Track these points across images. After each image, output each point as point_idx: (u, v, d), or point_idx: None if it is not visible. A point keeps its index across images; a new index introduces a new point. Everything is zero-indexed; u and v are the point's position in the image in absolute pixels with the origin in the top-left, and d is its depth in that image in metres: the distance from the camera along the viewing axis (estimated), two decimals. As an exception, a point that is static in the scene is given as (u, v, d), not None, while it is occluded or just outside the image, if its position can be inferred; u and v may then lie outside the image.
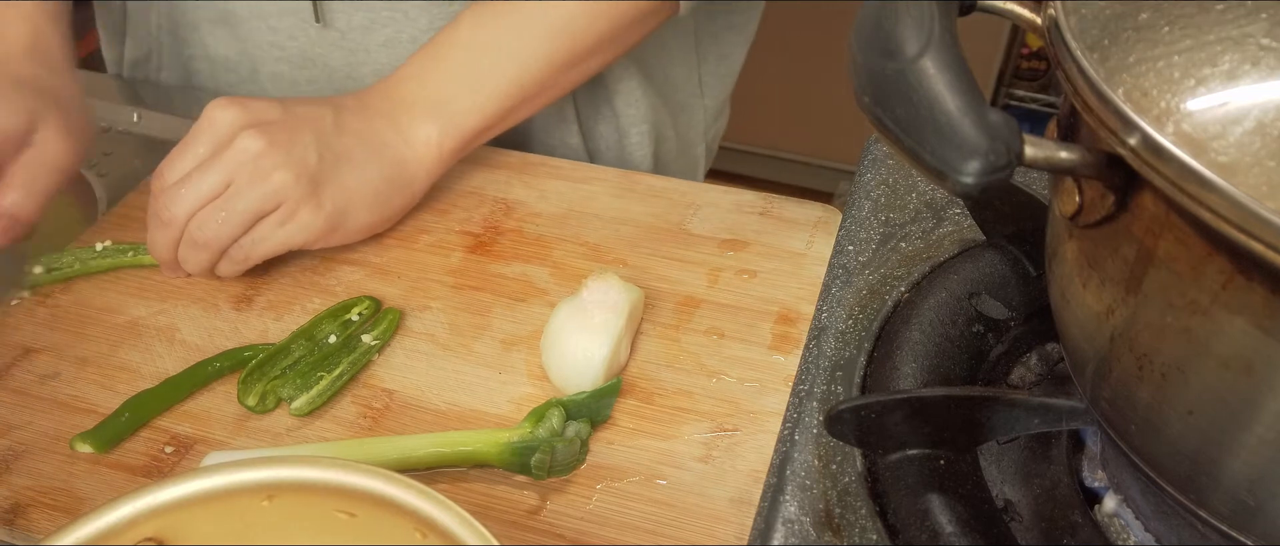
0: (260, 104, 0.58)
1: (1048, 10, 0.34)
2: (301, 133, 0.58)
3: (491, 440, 0.48)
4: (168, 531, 0.36)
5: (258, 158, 0.56)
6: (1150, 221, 0.31)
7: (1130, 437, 0.37)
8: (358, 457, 0.48)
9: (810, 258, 0.61)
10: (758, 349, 0.56)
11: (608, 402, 0.51)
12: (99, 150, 0.73)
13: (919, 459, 0.41)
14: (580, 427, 0.49)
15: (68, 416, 0.53)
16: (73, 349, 0.57)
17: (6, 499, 0.49)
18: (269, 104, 0.58)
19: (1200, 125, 0.36)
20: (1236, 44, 0.37)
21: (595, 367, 0.52)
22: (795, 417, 0.45)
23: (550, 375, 0.53)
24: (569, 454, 0.48)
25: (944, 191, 0.56)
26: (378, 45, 0.73)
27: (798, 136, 2.05)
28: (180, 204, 0.56)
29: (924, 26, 0.31)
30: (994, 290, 0.49)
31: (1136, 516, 0.41)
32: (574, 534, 0.47)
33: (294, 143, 0.57)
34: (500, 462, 0.48)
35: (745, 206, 0.66)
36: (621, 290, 0.54)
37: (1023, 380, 0.48)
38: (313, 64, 0.76)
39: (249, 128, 0.56)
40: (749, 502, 0.47)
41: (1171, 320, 0.31)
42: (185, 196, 0.56)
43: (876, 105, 0.31)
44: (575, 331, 0.52)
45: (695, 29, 0.82)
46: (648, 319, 0.58)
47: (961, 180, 0.29)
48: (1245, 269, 0.28)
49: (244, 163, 0.55)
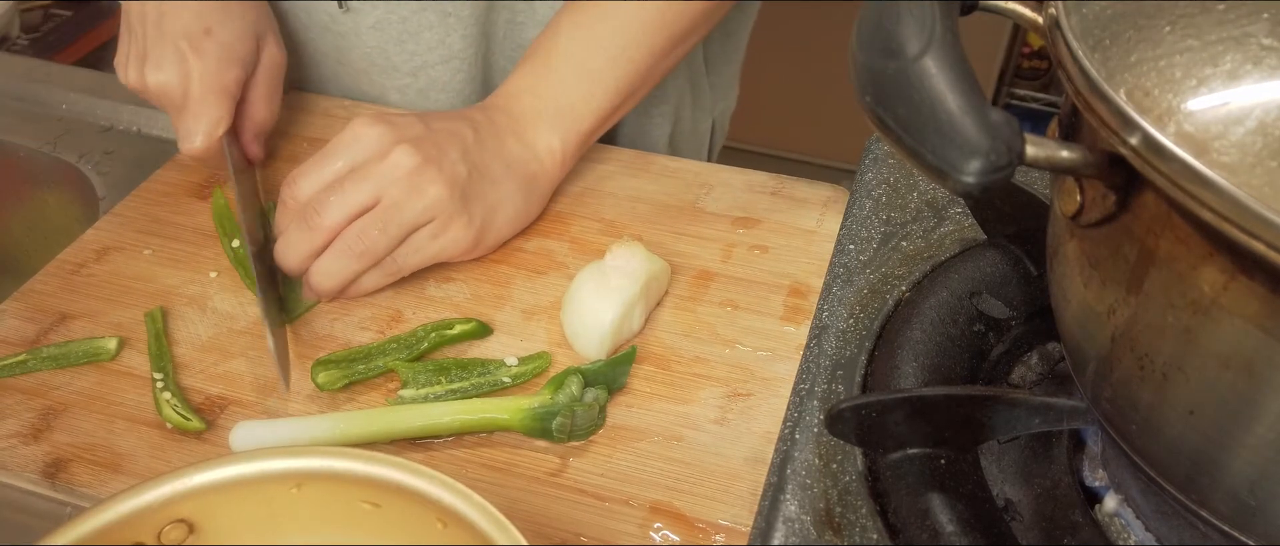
0: (403, 119, 0.59)
1: (1049, 9, 0.34)
2: (449, 149, 0.59)
3: (514, 406, 0.50)
4: (199, 513, 0.37)
5: (413, 173, 0.56)
6: (1151, 221, 0.31)
7: (1131, 437, 0.37)
8: (383, 426, 0.49)
9: (820, 235, 0.63)
10: (770, 320, 0.58)
11: (623, 370, 0.53)
12: (99, 150, 0.73)
13: (919, 458, 0.41)
14: (598, 393, 0.51)
15: (106, 378, 0.54)
16: (107, 315, 0.58)
17: (49, 455, 0.50)
18: (411, 119, 0.59)
19: (1201, 125, 0.36)
20: (1238, 44, 0.37)
21: (603, 329, 0.53)
22: (796, 416, 0.45)
23: (567, 335, 0.55)
24: (588, 418, 0.50)
25: (945, 190, 0.56)
26: (367, 27, 0.73)
27: (798, 135, 2.05)
28: (332, 212, 0.56)
29: (925, 26, 0.31)
30: (995, 289, 0.49)
31: (1137, 516, 0.41)
32: (596, 489, 0.49)
33: (444, 158, 0.58)
34: (522, 428, 0.50)
35: (757, 186, 0.67)
36: (643, 259, 0.55)
37: (1023, 379, 0.48)
38: (302, 49, 0.77)
39: (401, 143, 0.57)
40: (763, 460, 0.49)
41: (1172, 320, 0.31)
42: (337, 204, 0.56)
43: (878, 104, 0.31)
44: (590, 294, 0.54)
45: None
46: None
47: (963, 179, 0.29)
48: (1246, 269, 0.28)
49: (399, 178, 0.56)
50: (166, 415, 0.51)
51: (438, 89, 0.76)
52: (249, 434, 0.49)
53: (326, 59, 0.77)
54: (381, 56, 0.74)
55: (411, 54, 0.74)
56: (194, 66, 0.62)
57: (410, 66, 0.75)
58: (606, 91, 0.65)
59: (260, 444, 0.49)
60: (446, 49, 0.74)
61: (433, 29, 0.72)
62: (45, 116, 0.76)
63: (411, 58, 0.74)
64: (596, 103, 0.64)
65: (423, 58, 0.74)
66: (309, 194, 0.57)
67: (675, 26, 0.66)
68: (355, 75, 0.77)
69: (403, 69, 0.75)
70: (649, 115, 0.82)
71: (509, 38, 0.76)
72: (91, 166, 0.71)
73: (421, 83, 0.76)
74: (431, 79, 0.75)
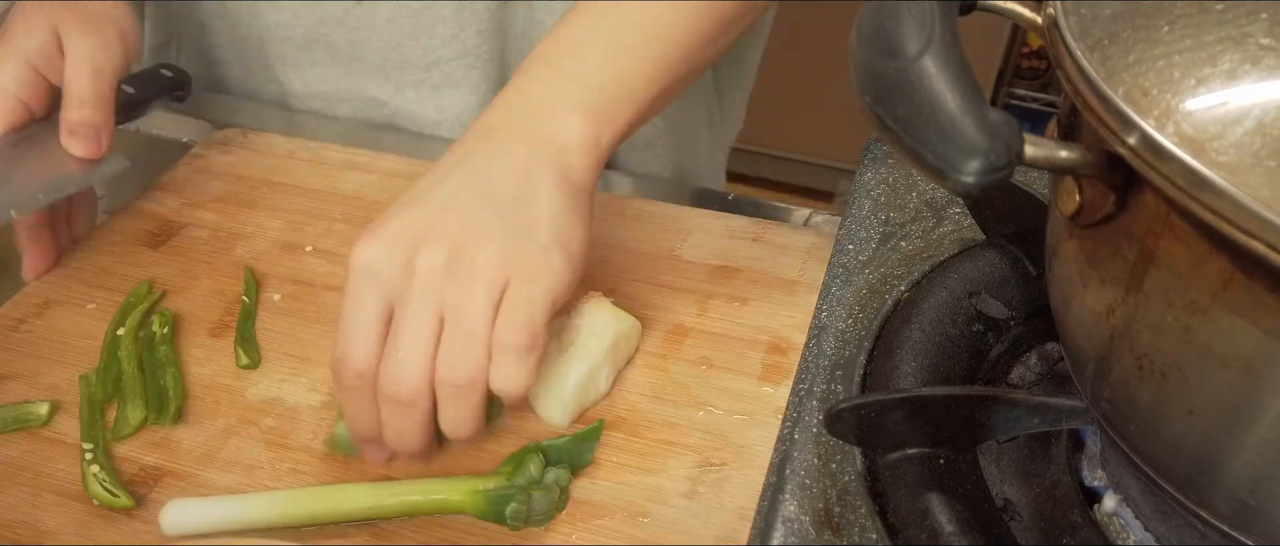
0: (392, 219, 0.47)
1: (1047, 9, 0.34)
2: (452, 211, 0.48)
3: (466, 488, 0.46)
4: None
5: (449, 264, 0.45)
6: (1150, 221, 0.31)
7: (1130, 437, 0.37)
8: (329, 507, 0.46)
9: (803, 285, 0.60)
10: (747, 379, 0.54)
11: (589, 446, 0.49)
12: (99, 149, 0.73)
13: (919, 458, 0.41)
14: (559, 474, 0.47)
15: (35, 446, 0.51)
16: (44, 376, 0.55)
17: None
18: (397, 211, 0.48)
19: (1200, 125, 0.36)
20: (1236, 43, 0.37)
21: (566, 394, 0.50)
22: (795, 416, 0.45)
23: (528, 398, 0.52)
24: (547, 503, 0.46)
25: (944, 190, 0.56)
26: (381, 21, 0.72)
27: (798, 135, 2.05)
28: (412, 372, 0.44)
29: (925, 26, 0.31)
30: (994, 289, 0.49)
31: (1136, 516, 0.41)
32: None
33: (464, 225, 0.47)
34: (475, 512, 0.46)
35: (738, 231, 0.64)
36: (610, 317, 0.52)
37: (1023, 379, 0.48)
38: (315, 45, 0.76)
39: (416, 248, 0.46)
40: (736, 539, 0.46)
41: (1171, 320, 0.31)
42: (411, 360, 0.44)
43: (877, 104, 0.31)
44: (554, 354, 0.51)
45: None
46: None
47: (962, 179, 0.29)
48: (1245, 269, 0.28)
49: (445, 281, 0.45)
50: (93, 491, 0.47)
51: (452, 85, 0.75)
52: (181, 514, 0.46)
53: (340, 55, 0.76)
54: (395, 51, 0.74)
55: (426, 49, 0.73)
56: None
57: (424, 62, 0.74)
58: (644, 71, 0.53)
59: (193, 524, 0.46)
60: (461, 44, 0.72)
61: (447, 23, 0.71)
62: (44, 116, 0.76)
63: (425, 52, 0.73)
64: (632, 83, 0.53)
65: (437, 52, 0.73)
66: (367, 361, 0.45)
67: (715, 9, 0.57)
68: (369, 71, 0.76)
69: (417, 64, 0.74)
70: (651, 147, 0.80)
71: (526, 34, 0.74)
72: (90, 166, 0.71)
73: (435, 78, 0.74)
74: (445, 75, 0.74)
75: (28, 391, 0.54)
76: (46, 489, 0.49)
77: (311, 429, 0.52)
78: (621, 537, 0.46)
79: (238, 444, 0.51)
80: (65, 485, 0.49)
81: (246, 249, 0.63)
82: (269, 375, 0.55)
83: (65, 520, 0.47)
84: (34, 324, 0.58)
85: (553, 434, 0.51)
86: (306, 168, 0.70)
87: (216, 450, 0.51)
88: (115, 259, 0.62)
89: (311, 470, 0.49)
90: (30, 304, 0.59)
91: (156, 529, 0.46)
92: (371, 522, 0.47)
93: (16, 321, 0.58)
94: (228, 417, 0.52)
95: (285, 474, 0.49)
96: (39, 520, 0.47)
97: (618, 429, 0.51)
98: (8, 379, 0.54)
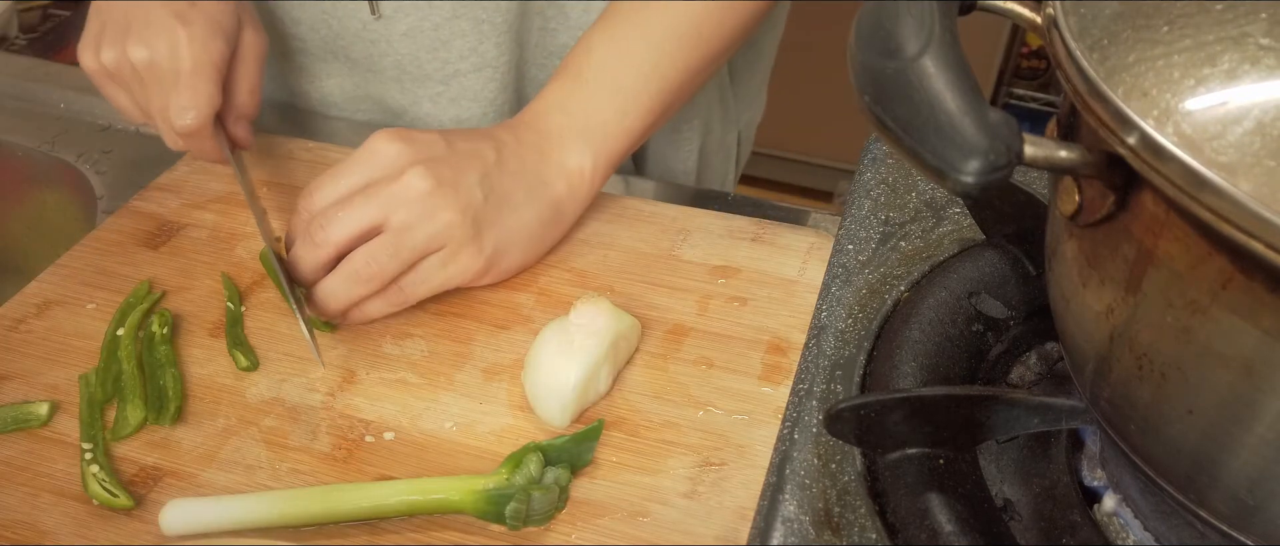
0: (424, 138, 0.57)
1: (1047, 9, 0.34)
2: (467, 172, 0.56)
3: (466, 488, 0.46)
4: None
5: (426, 197, 0.54)
6: (1150, 221, 0.31)
7: (1130, 437, 0.37)
8: (328, 507, 0.46)
9: (802, 284, 0.60)
10: (747, 379, 0.54)
11: (589, 446, 0.50)
12: (98, 149, 0.73)
13: (918, 458, 0.41)
14: (559, 474, 0.48)
15: (35, 446, 0.51)
16: (43, 375, 0.55)
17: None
18: (432, 138, 0.57)
19: (1200, 125, 0.36)
20: (1236, 43, 0.37)
21: (566, 394, 0.50)
22: (795, 416, 0.45)
23: (528, 398, 0.52)
24: (546, 502, 0.46)
25: (944, 190, 0.56)
26: (399, 35, 0.72)
27: (798, 135, 2.05)
28: (337, 228, 0.54)
29: (924, 25, 0.31)
30: (994, 289, 0.49)
31: (1136, 515, 0.41)
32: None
33: (460, 183, 0.56)
34: (474, 511, 0.46)
35: (737, 231, 0.64)
36: (610, 316, 0.52)
37: (1022, 379, 0.48)
38: (333, 58, 0.76)
39: (417, 164, 0.55)
40: (736, 539, 0.46)
41: (1171, 320, 0.31)
42: (342, 221, 0.54)
43: (876, 104, 0.31)
44: (553, 354, 0.51)
45: None
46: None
47: (962, 179, 0.29)
48: (1245, 269, 0.28)
49: (411, 200, 0.54)
50: (92, 491, 0.48)
51: (469, 98, 0.75)
52: (181, 514, 0.46)
53: (357, 68, 0.76)
54: (413, 64, 0.73)
55: (444, 62, 0.73)
56: (182, 38, 0.59)
57: (442, 74, 0.74)
58: (639, 109, 0.62)
59: (192, 524, 0.46)
60: (479, 57, 0.72)
61: (465, 36, 0.71)
62: (43, 116, 0.76)
63: (444, 65, 0.73)
64: (629, 121, 0.62)
65: (455, 66, 0.73)
66: (321, 206, 0.55)
67: (710, 42, 0.64)
68: (386, 84, 0.76)
69: (435, 77, 0.74)
70: (679, 132, 0.81)
71: (541, 45, 0.75)
72: (90, 166, 0.71)
73: (453, 91, 0.74)
74: (463, 87, 0.74)
75: (27, 391, 0.54)
76: (46, 489, 0.49)
77: (311, 429, 0.52)
78: (621, 537, 0.46)
79: (237, 444, 0.51)
80: (65, 485, 0.49)
81: (246, 249, 0.63)
82: (269, 375, 0.55)
83: (65, 520, 0.47)
84: (34, 324, 0.58)
85: (553, 433, 0.51)
86: (307, 168, 0.70)
87: (216, 450, 0.51)
88: (115, 259, 0.62)
89: (311, 470, 0.50)
90: (30, 304, 0.59)
91: (156, 529, 0.46)
92: (371, 522, 0.47)
93: (16, 321, 0.58)
94: (227, 417, 0.52)
95: (285, 474, 0.49)
96: (38, 520, 0.47)
97: (617, 428, 0.51)
98: (8, 379, 0.54)
